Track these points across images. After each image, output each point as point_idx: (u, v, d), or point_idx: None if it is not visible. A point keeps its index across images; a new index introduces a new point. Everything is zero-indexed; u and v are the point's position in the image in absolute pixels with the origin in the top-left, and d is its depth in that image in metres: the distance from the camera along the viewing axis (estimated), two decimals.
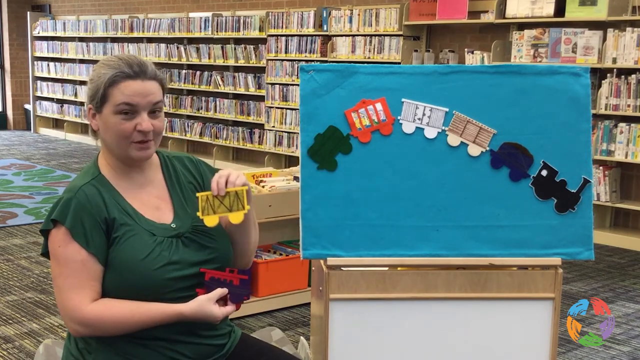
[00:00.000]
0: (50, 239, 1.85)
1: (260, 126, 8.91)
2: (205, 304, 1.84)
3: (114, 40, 11.18)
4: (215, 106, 9.47)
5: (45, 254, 1.89)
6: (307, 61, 8.09)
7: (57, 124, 12.73)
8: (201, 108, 9.70)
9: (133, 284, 1.83)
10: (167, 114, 9.72)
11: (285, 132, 8.51)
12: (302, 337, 2.40)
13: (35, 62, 12.78)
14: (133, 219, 1.88)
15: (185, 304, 1.84)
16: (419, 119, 2.01)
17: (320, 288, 2.00)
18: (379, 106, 2.00)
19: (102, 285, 1.85)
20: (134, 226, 1.87)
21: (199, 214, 1.87)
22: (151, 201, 1.94)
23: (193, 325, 1.89)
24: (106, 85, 1.84)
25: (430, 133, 2.01)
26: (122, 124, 1.85)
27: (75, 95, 11.93)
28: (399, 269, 2.00)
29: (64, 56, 12.13)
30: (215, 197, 1.87)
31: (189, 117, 10.01)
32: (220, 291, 1.87)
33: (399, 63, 7.25)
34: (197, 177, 2.04)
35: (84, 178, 1.90)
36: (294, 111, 8.37)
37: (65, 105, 12.21)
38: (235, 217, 1.89)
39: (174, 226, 1.92)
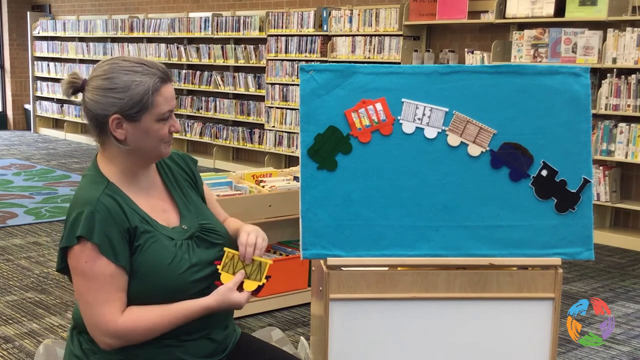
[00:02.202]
0: (72, 255, 1.79)
1: (260, 126, 8.91)
2: (227, 293, 1.86)
3: (114, 40, 11.18)
4: (215, 106, 9.47)
5: (62, 269, 1.84)
6: (307, 61, 8.09)
7: (57, 124, 12.73)
8: (201, 108, 9.70)
9: (161, 289, 1.83)
10: None
11: (285, 132, 8.51)
12: (302, 337, 2.40)
13: (35, 62, 12.78)
14: (151, 225, 1.87)
15: (208, 297, 1.85)
16: (419, 119, 2.01)
17: (320, 288, 2.00)
18: (379, 106, 2.00)
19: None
20: (153, 232, 1.86)
21: (219, 267, 1.89)
22: (158, 205, 1.94)
23: (197, 323, 1.89)
24: (150, 92, 1.82)
25: (430, 133, 2.01)
26: (163, 129, 1.86)
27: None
28: (399, 269, 2.00)
29: (64, 56, 12.13)
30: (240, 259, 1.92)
31: (189, 117, 10.02)
32: (238, 277, 1.89)
33: (399, 63, 7.25)
34: (188, 172, 2.06)
35: (95, 189, 1.84)
36: (294, 111, 8.36)
37: (65, 105, 12.20)
38: (250, 285, 1.92)
39: (185, 227, 1.93)
